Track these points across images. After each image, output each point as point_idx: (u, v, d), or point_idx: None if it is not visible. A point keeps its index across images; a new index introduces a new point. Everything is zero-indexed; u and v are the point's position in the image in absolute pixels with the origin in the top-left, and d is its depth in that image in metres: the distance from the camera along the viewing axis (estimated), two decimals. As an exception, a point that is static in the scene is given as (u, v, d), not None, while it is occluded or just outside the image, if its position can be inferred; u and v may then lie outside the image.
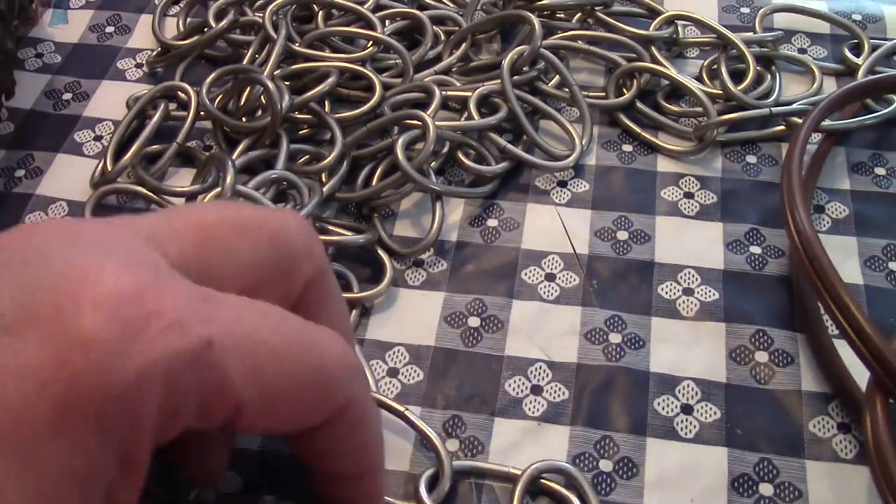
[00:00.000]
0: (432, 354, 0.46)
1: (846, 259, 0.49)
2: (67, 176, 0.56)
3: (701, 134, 0.54)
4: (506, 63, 0.55)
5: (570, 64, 0.61)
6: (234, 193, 0.45)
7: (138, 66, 0.63)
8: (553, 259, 0.50)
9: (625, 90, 0.58)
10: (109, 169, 0.54)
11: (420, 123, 0.52)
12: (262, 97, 0.56)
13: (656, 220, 0.52)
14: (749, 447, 0.42)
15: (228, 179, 0.45)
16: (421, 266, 0.50)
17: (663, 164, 0.55)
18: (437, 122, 0.51)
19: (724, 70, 0.56)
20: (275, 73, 0.56)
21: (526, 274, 0.50)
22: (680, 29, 0.61)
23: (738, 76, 0.57)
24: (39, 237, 0.23)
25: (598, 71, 0.61)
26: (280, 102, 0.52)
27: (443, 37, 0.61)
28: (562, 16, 0.62)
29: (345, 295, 0.47)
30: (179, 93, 0.59)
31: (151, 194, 0.52)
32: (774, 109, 0.53)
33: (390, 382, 0.45)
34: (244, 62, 0.59)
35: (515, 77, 0.56)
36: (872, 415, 0.38)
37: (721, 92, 0.56)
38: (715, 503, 0.41)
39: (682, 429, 0.43)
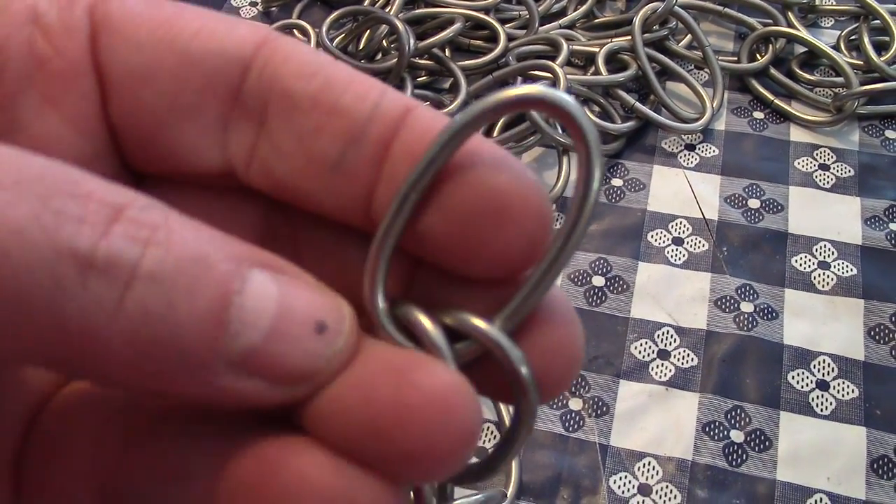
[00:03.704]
0: (555, 311, 0.45)
1: None
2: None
3: (840, 104, 0.51)
4: (637, 19, 0.53)
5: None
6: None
7: (253, 4, 0.62)
8: (680, 223, 0.48)
9: (758, 55, 0.55)
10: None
11: (549, 75, 0.50)
12: (383, 41, 0.55)
13: (789, 190, 0.49)
14: (889, 428, 0.40)
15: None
16: (543, 221, 0.49)
17: (797, 134, 0.52)
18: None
19: (866, 40, 0.53)
20: (398, 16, 0.55)
21: (652, 236, 0.48)
22: (816, -4, 0.58)
23: (876, 49, 0.54)
24: None
25: (726, 35, 0.59)
26: (408, 44, 0.51)
27: (567, -10, 0.59)
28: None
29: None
30: (296, 32, 0.58)
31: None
32: (925, 82, 0.50)
33: (511, 336, 0.44)
34: (365, 4, 0.58)
35: (645, 35, 0.54)
36: None
37: (861, 63, 0.53)
38: (852, 483, 0.39)
39: (817, 405, 0.41)
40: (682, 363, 0.43)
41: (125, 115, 0.19)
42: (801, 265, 0.46)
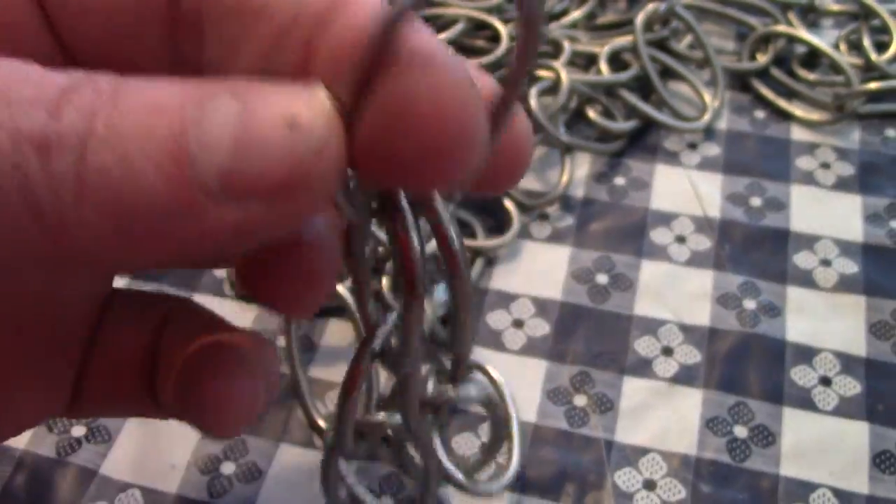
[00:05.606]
0: (559, 309, 0.45)
1: None
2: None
3: (841, 103, 0.52)
4: (639, 19, 0.54)
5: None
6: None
7: (256, 5, 0.63)
8: (683, 221, 0.49)
9: (758, 55, 0.56)
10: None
11: (552, 75, 0.50)
12: (386, 41, 0.55)
13: (791, 189, 0.50)
14: (892, 424, 0.41)
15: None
16: (546, 220, 0.49)
17: (797, 133, 0.53)
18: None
19: (866, 40, 0.54)
20: (401, 16, 0.55)
21: (655, 234, 0.48)
22: (816, -4, 0.58)
23: (876, 48, 0.55)
24: None
25: (727, 35, 0.59)
26: (411, 44, 0.51)
27: (569, -9, 0.59)
28: (690, -23, 0.60)
29: (470, 243, 0.47)
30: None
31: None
32: (925, 81, 0.50)
33: (515, 334, 0.44)
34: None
35: (647, 35, 0.55)
36: None
37: (860, 62, 0.54)
38: (855, 479, 0.39)
39: (820, 400, 0.42)
40: (686, 360, 0.43)
41: (76, 46, 0.19)
42: (802, 263, 0.47)
